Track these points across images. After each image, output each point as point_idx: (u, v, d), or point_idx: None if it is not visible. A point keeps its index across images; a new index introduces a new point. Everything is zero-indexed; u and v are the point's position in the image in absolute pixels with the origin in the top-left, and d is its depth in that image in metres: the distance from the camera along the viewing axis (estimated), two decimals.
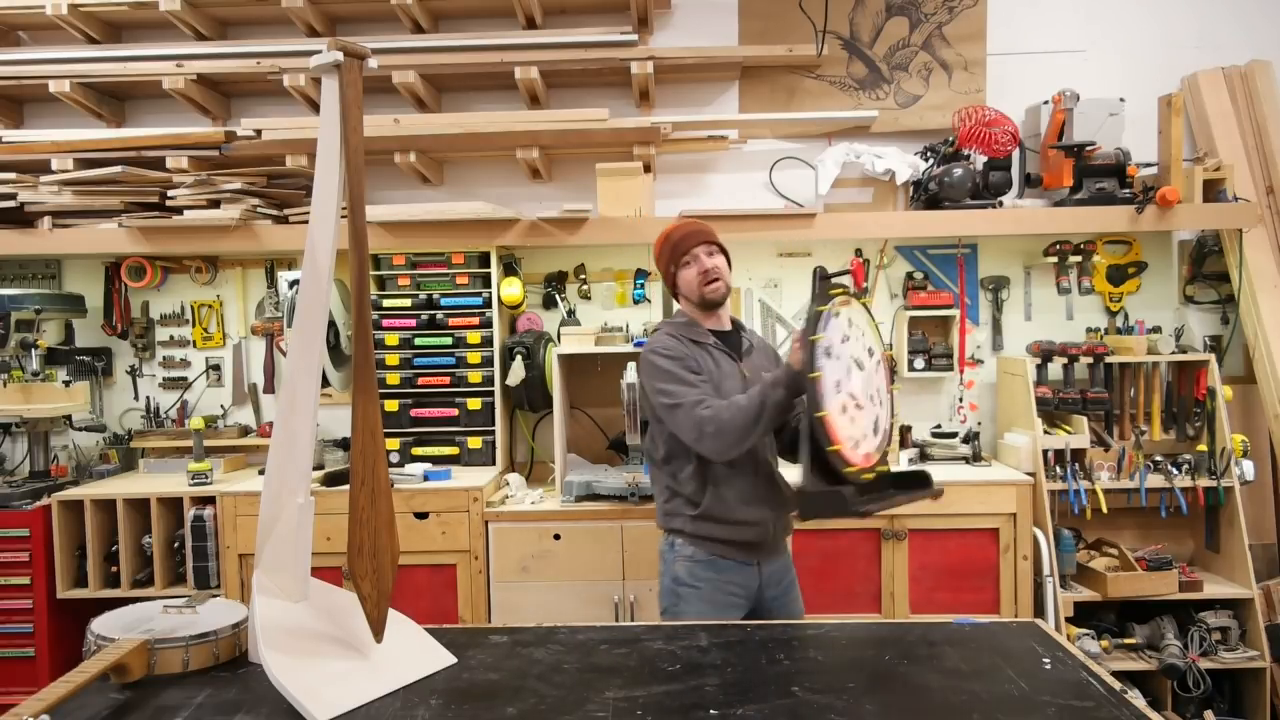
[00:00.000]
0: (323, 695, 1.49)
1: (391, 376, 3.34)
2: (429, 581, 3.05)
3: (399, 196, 3.61)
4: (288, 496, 1.68)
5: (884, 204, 3.42)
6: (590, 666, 1.67)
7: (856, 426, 2.01)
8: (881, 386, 2.13)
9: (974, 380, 3.59)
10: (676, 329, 2.35)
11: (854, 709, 1.47)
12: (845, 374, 2.01)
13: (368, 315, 1.66)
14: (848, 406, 2.00)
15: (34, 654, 3.14)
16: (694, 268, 2.31)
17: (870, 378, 2.08)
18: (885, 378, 2.15)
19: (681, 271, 2.34)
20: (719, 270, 2.31)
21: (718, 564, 2.27)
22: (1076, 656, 1.68)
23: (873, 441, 2.05)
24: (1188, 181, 3.27)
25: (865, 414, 2.04)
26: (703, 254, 2.31)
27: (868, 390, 2.07)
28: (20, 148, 3.37)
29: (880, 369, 2.13)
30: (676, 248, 2.34)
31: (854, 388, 2.03)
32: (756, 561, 2.30)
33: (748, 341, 2.43)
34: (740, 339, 2.42)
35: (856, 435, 2.01)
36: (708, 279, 2.30)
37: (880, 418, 2.09)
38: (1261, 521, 3.43)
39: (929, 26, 3.57)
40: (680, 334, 2.33)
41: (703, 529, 2.27)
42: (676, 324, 2.37)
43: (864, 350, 2.09)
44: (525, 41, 3.44)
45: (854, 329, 2.08)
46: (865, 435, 2.03)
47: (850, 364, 2.03)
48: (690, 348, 2.28)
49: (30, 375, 3.37)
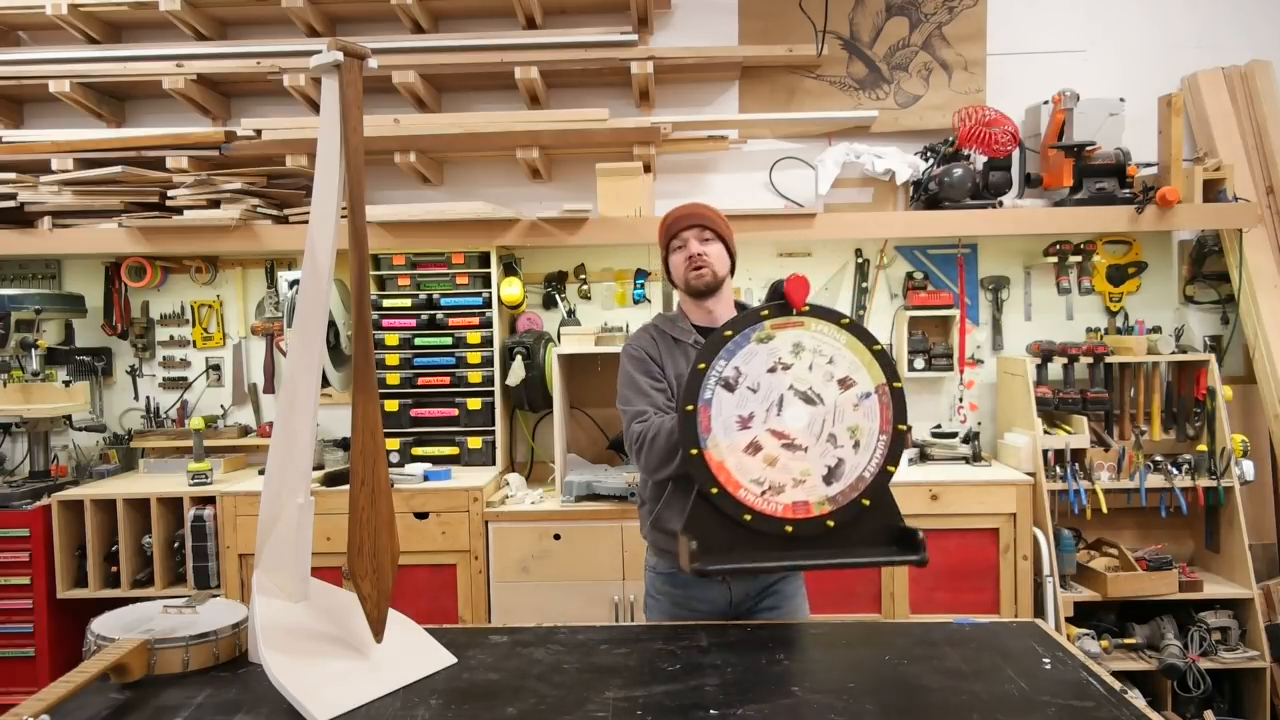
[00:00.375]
0: (323, 695, 1.49)
1: (391, 376, 3.34)
2: (429, 581, 3.05)
3: (399, 196, 3.61)
4: (288, 496, 1.68)
5: (884, 204, 3.42)
6: (590, 666, 1.67)
7: (778, 470, 1.77)
8: (863, 426, 1.82)
9: (974, 380, 3.59)
10: (659, 324, 2.24)
11: (854, 709, 1.47)
12: (766, 408, 1.78)
13: (368, 315, 1.66)
14: (765, 445, 1.77)
15: (34, 654, 3.14)
16: (682, 253, 2.17)
17: (830, 415, 1.81)
18: (882, 416, 1.83)
19: (672, 256, 2.21)
20: (706, 258, 2.15)
21: (676, 578, 2.17)
22: (1076, 656, 1.68)
23: (816, 490, 1.78)
24: (1188, 181, 3.27)
25: (807, 457, 1.78)
26: (693, 239, 2.16)
27: (820, 428, 1.80)
28: (20, 148, 3.37)
29: (866, 406, 1.83)
30: (669, 229, 2.21)
31: (784, 425, 1.79)
32: (723, 578, 2.12)
33: None
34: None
35: (777, 479, 1.77)
36: (693, 265, 2.15)
37: (848, 462, 1.80)
38: (1261, 521, 3.43)
39: (929, 26, 3.57)
40: (660, 331, 2.22)
41: (659, 540, 2.19)
42: (663, 318, 2.27)
43: (825, 381, 1.82)
44: (525, 41, 3.44)
45: (801, 357, 1.81)
46: (796, 481, 1.78)
47: (782, 397, 1.79)
48: (665, 347, 2.17)
49: (30, 375, 3.37)
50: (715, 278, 2.16)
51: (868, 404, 1.82)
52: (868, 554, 1.81)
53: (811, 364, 1.81)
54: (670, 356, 2.15)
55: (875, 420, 1.82)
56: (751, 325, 1.81)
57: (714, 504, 1.75)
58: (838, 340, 1.83)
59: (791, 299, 1.82)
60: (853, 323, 1.84)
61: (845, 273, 3.63)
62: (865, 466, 1.80)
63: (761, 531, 1.76)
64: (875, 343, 1.84)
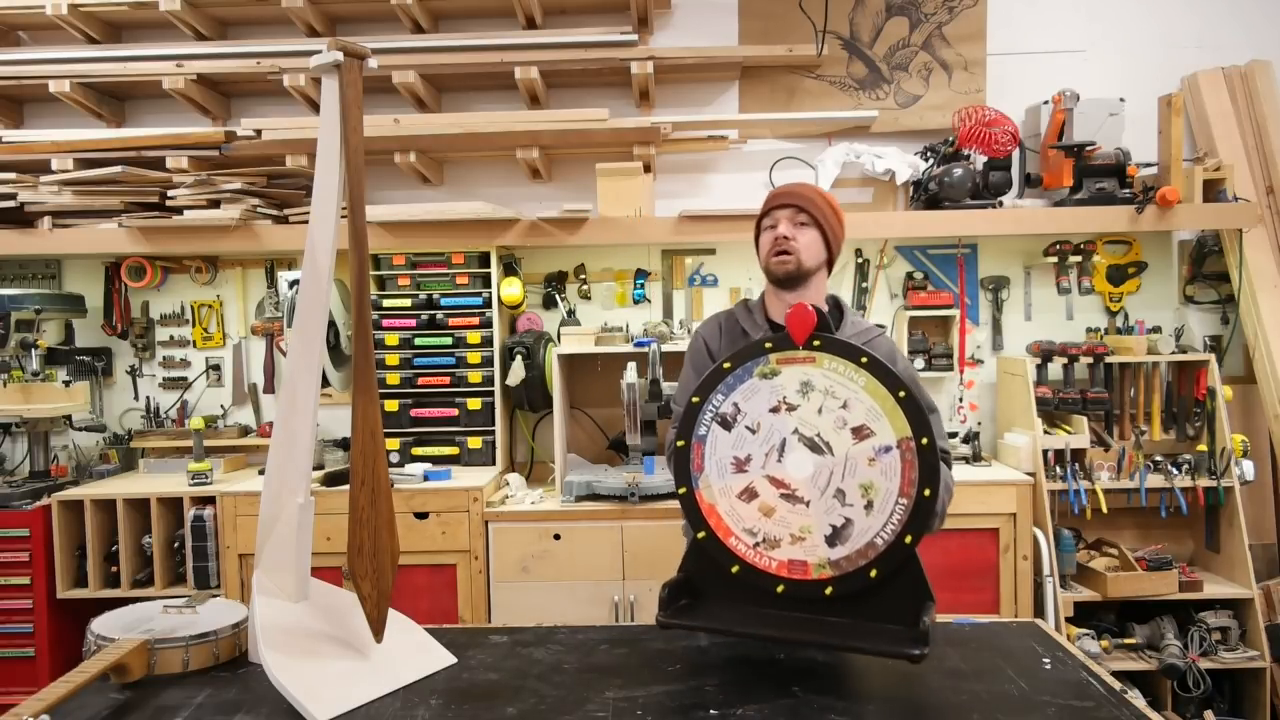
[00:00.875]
0: (323, 695, 1.49)
1: (391, 376, 3.34)
2: (429, 581, 3.05)
3: (399, 196, 3.61)
4: (288, 496, 1.68)
5: (884, 204, 3.42)
6: (590, 666, 1.67)
7: (774, 521, 1.59)
8: (879, 484, 1.54)
9: (974, 380, 3.59)
10: (735, 312, 2.08)
11: (854, 709, 1.47)
12: (765, 451, 1.61)
13: (368, 315, 1.66)
14: (761, 493, 1.61)
15: (34, 654, 3.14)
16: (770, 233, 1.99)
17: (840, 467, 1.57)
18: (903, 476, 1.53)
19: (762, 235, 2.02)
20: (794, 243, 1.95)
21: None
22: (1076, 656, 1.68)
23: (817, 550, 1.57)
24: (1188, 181, 3.27)
25: (808, 511, 1.58)
26: (785, 220, 1.97)
27: (826, 481, 1.58)
28: (20, 148, 3.37)
29: (884, 462, 1.54)
30: (765, 204, 2.02)
31: (785, 473, 1.60)
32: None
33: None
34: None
35: (773, 532, 1.59)
36: (777, 249, 1.96)
37: (856, 524, 1.54)
38: (1261, 521, 3.43)
39: (929, 26, 3.57)
40: (732, 319, 2.06)
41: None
42: (740, 307, 2.09)
43: (836, 428, 1.58)
44: (525, 41, 3.44)
45: (810, 398, 1.60)
46: (795, 538, 1.58)
47: (784, 441, 1.61)
48: (729, 339, 2.02)
49: (30, 375, 3.37)
50: (800, 267, 1.96)
51: (886, 460, 1.54)
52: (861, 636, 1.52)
53: (821, 407, 1.59)
54: (733, 347, 1.97)
55: (895, 480, 1.53)
56: (754, 358, 1.64)
57: (702, 548, 1.63)
58: (854, 381, 1.57)
59: (793, 334, 1.60)
60: (874, 361, 1.57)
61: (845, 273, 3.63)
62: (877, 532, 1.53)
63: (751, 586, 1.61)
64: (901, 388, 1.55)
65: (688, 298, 3.64)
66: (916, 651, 1.45)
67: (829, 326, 1.61)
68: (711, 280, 3.64)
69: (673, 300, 3.65)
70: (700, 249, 3.62)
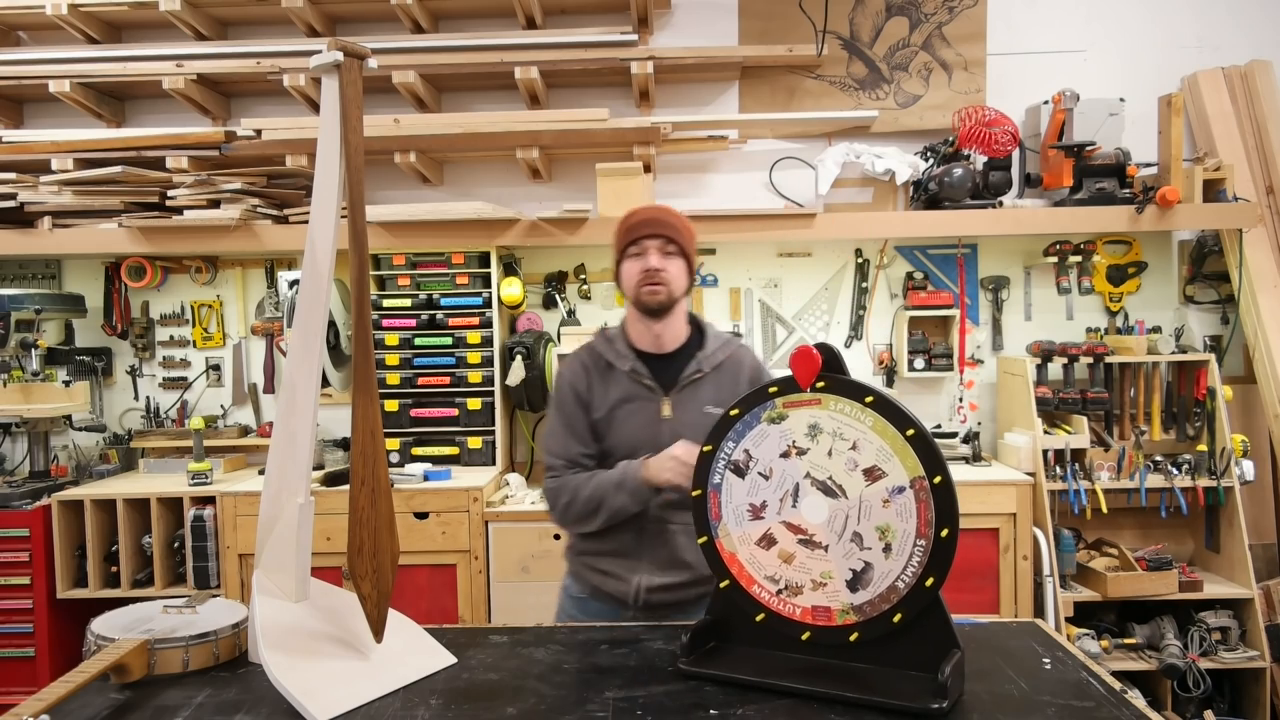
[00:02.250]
0: (323, 695, 1.49)
1: (391, 376, 3.34)
2: (429, 581, 3.05)
3: (399, 196, 3.61)
4: (288, 496, 1.68)
5: (884, 204, 3.42)
6: (590, 666, 1.66)
7: (795, 568, 1.57)
8: (895, 526, 1.50)
9: (974, 380, 3.59)
10: (595, 346, 2.03)
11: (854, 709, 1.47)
12: (779, 497, 1.59)
13: (368, 315, 1.66)
14: (780, 539, 1.58)
15: (34, 654, 3.14)
16: (639, 262, 1.92)
17: (855, 510, 1.53)
18: (919, 517, 1.49)
19: (626, 262, 1.95)
20: (665, 275, 1.91)
21: (588, 605, 2.04)
22: (1076, 656, 1.68)
23: (839, 596, 1.54)
24: (1188, 181, 3.27)
25: (828, 556, 1.55)
26: (654, 250, 1.92)
27: (842, 526, 1.54)
28: (20, 148, 3.37)
29: (899, 503, 1.50)
30: (630, 232, 1.94)
31: (800, 518, 1.57)
32: (633, 616, 2.00)
33: (696, 367, 1.98)
34: (686, 364, 1.99)
35: (794, 579, 1.57)
36: (648, 280, 1.91)
37: (876, 568, 1.51)
38: (1261, 521, 3.43)
39: (929, 26, 3.57)
40: (594, 355, 2.01)
41: (574, 563, 2.07)
42: (601, 340, 2.04)
43: (848, 470, 1.54)
44: (525, 41, 3.44)
45: (819, 441, 1.56)
46: (816, 584, 1.56)
47: (798, 486, 1.57)
48: (597, 375, 1.97)
49: (30, 375, 3.37)
50: (670, 298, 1.94)
51: (900, 500, 1.50)
52: (883, 686, 1.48)
53: (831, 449, 1.55)
54: (603, 384, 1.97)
55: (911, 521, 1.49)
56: (760, 404, 1.61)
57: (727, 597, 1.62)
58: (862, 422, 1.53)
59: (797, 377, 1.57)
60: (880, 399, 1.53)
61: (845, 273, 3.63)
62: (898, 575, 1.49)
63: (777, 633, 1.59)
64: (910, 425, 1.50)
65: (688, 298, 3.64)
66: (935, 706, 1.41)
67: (835, 367, 1.58)
68: (711, 280, 3.64)
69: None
70: (700, 249, 3.61)
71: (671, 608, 1.99)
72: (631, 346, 2.00)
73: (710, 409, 1.91)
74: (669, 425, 1.94)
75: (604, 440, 1.98)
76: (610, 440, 1.97)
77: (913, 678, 1.50)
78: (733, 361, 2.02)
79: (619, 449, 1.97)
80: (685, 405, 1.95)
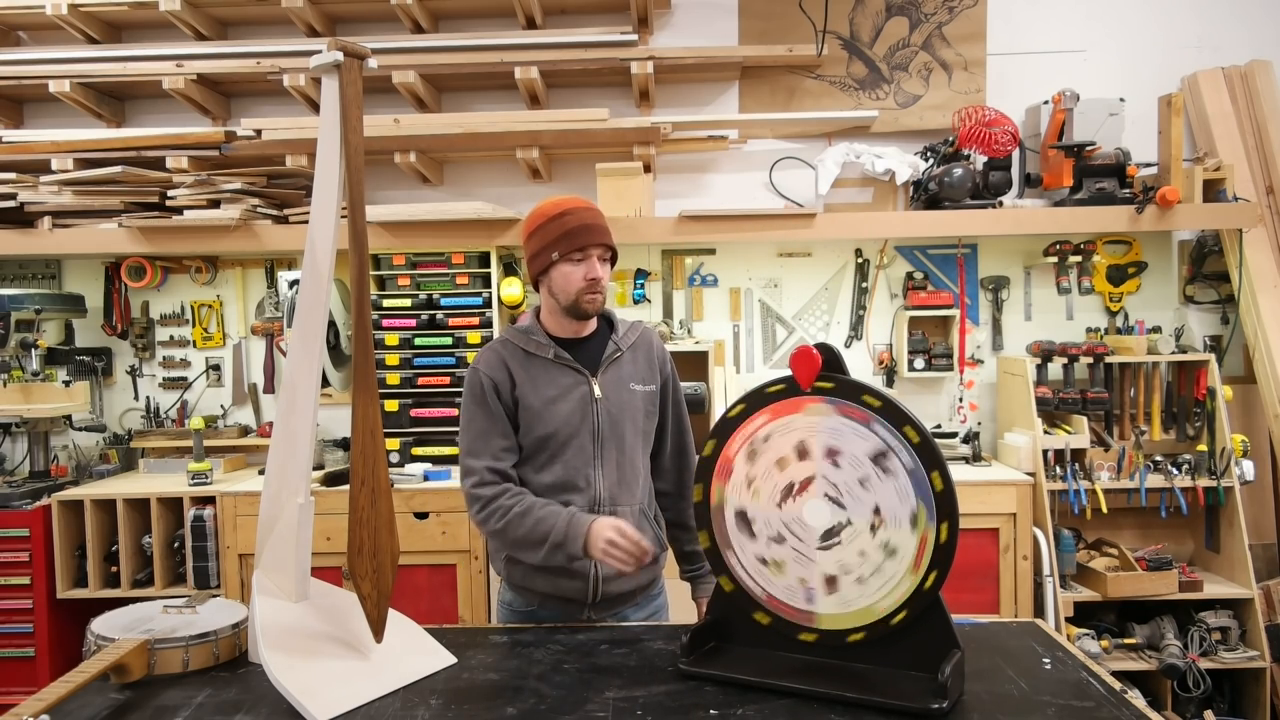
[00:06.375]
0: (322, 695, 1.49)
1: (391, 376, 3.34)
2: (429, 581, 3.05)
3: (399, 196, 3.61)
4: (288, 496, 1.68)
5: (884, 204, 3.42)
6: (590, 666, 1.67)
7: (796, 568, 1.59)
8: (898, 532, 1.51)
9: (974, 380, 3.59)
10: (511, 337, 2.01)
11: (854, 709, 1.47)
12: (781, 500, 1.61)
13: (368, 315, 1.66)
14: (785, 539, 1.60)
15: (34, 654, 3.14)
16: (582, 268, 1.92)
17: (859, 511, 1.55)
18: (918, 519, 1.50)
19: (564, 264, 1.92)
20: (605, 283, 1.96)
21: (538, 616, 1.99)
22: (1076, 656, 1.68)
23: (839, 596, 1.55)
24: (1188, 181, 3.27)
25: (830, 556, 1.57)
26: (598, 259, 1.93)
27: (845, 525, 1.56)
28: (20, 148, 3.37)
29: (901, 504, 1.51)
30: (573, 236, 1.92)
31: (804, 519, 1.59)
32: (587, 616, 1.98)
33: (614, 345, 2.02)
34: (606, 344, 2.02)
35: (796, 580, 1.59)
36: (593, 288, 1.93)
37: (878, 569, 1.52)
38: (1261, 521, 3.43)
39: (929, 26, 3.57)
40: (511, 346, 1.99)
41: (515, 574, 1.99)
42: (515, 331, 2.02)
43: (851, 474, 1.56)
44: (525, 41, 3.44)
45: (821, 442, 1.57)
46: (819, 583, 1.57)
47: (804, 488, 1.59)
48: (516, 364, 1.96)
49: (30, 375, 3.37)
50: (604, 302, 2.00)
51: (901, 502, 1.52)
52: (883, 686, 1.49)
53: (837, 458, 1.57)
54: (527, 374, 1.96)
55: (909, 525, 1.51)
56: (764, 402, 1.62)
57: (729, 598, 1.64)
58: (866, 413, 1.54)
59: (798, 377, 1.57)
60: (885, 401, 1.54)
61: (845, 273, 3.63)
62: (900, 577, 1.51)
63: (778, 633, 1.61)
64: (910, 425, 1.52)
65: (688, 298, 3.64)
66: (935, 706, 1.42)
67: (835, 367, 1.58)
68: (711, 280, 3.64)
69: (673, 300, 3.65)
70: (700, 249, 3.62)
71: (625, 597, 2.01)
72: (550, 336, 2.01)
73: (635, 386, 1.99)
74: (602, 406, 1.96)
75: (536, 430, 1.95)
76: (544, 428, 1.94)
77: (913, 678, 1.51)
78: (643, 341, 2.08)
79: (557, 435, 1.94)
80: (611, 384, 1.99)
